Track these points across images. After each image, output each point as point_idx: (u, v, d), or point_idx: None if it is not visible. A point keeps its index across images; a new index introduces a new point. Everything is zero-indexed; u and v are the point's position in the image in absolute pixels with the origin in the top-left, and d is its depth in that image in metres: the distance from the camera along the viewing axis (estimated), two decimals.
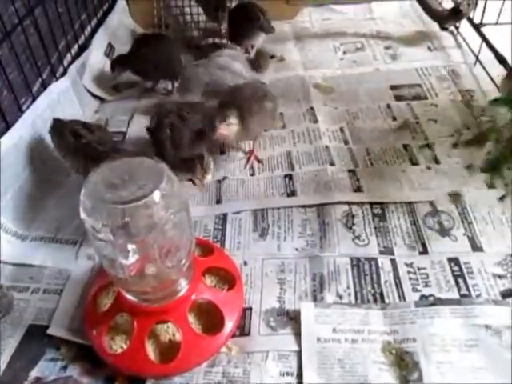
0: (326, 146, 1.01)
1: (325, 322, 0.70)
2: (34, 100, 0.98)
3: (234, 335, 0.69)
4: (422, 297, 0.72)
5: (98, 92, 1.20)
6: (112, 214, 0.54)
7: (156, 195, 0.54)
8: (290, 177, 0.95)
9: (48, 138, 0.96)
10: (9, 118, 0.90)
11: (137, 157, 0.62)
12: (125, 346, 0.67)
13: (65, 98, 1.07)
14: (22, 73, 0.95)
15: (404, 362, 0.65)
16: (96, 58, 1.25)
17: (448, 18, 1.32)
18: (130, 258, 0.57)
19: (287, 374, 0.65)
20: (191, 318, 0.67)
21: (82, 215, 0.55)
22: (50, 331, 0.71)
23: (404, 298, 0.73)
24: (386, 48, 1.34)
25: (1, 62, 0.88)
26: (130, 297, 0.64)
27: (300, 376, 0.65)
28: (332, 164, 0.97)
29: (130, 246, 0.57)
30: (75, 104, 1.11)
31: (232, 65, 1.09)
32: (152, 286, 0.62)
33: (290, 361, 0.66)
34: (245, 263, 0.80)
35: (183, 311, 0.66)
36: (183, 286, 0.66)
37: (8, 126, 0.89)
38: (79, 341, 0.70)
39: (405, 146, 1.00)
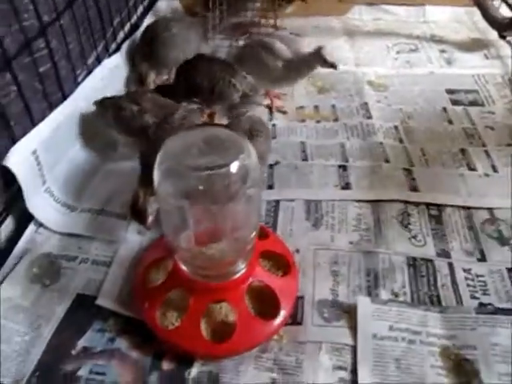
0: (381, 143, 0.99)
1: (381, 318, 0.67)
2: (89, 72, 0.98)
3: (286, 323, 0.67)
4: (481, 305, 0.69)
5: None
6: (188, 181, 0.52)
7: (235, 166, 0.52)
8: (344, 168, 0.93)
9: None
10: (65, 88, 0.89)
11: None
12: (175, 323, 0.65)
13: (117, 74, 1.07)
14: (80, 44, 0.94)
15: (463, 369, 0.62)
16: None
17: (508, 27, 1.29)
18: (198, 227, 0.55)
19: (341, 368, 0.63)
20: (246, 300, 0.66)
21: (157, 179, 0.54)
22: (98, 302, 0.70)
23: (462, 304, 0.70)
24: (441, 52, 1.31)
25: (63, 30, 0.87)
26: (188, 271, 0.62)
27: (354, 372, 0.62)
28: (387, 161, 0.94)
29: (201, 216, 0.55)
30: (123, 81, 1.10)
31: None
32: (214, 261, 0.60)
33: (343, 355, 0.64)
34: (297, 251, 0.77)
35: (240, 292, 0.64)
36: (242, 266, 0.64)
37: (64, 96, 0.89)
38: (128, 314, 0.68)
39: (462, 151, 0.97)
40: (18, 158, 0.74)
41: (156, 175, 0.54)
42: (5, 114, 0.71)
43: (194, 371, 0.63)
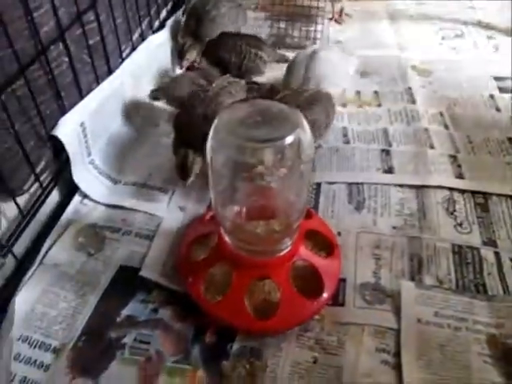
0: (426, 129, 0.96)
1: (426, 304, 0.66)
2: (133, 48, 0.98)
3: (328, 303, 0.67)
4: None
5: None
6: (243, 152, 0.51)
7: (290, 139, 0.52)
8: (388, 152, 0.91)
9: (143, 87, 0.96)
10: (111, 63, 0.90)
11: None
12: (218, 297, 0.66)
13: (161, 52, 1.07)
14: (126, 19, 0.95)
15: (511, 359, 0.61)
16: None
17: None
18: (248, 202, 0.55)
19: (383, 350, 0.62)
20: (290, 279, 0.65)
21: (210, 150, 0.54)
22: (141, 273, 0.71)
23: (509, 293, 0.68)
24: (489, 38, 1.27)
25: (111, 5, 0.87)
26: (233, 246, 0.63)
27: (397, 355, 0.62)
28: (432, 147, 0.92)
29: (252, 190, 0.54)
30: (168, 58, 1.10)
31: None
32: (261, 238, 0.60)
33: (386, 338, 0.63)
34: (339, 234, 0.77)
35: (285, 270, 0.64)
36: (288, 244, 0.63)
37: (110, 70, 0.90)
38: (171, 286, 0.69)
39: (509, 139, 0.94)
40: (67, 129, 0.75)
41: (209, 145, 0.54)
42: (57, 85, 0.72)
43: (235, 345, 0.63)
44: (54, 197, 0.79)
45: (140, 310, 0.67)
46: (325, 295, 0.65)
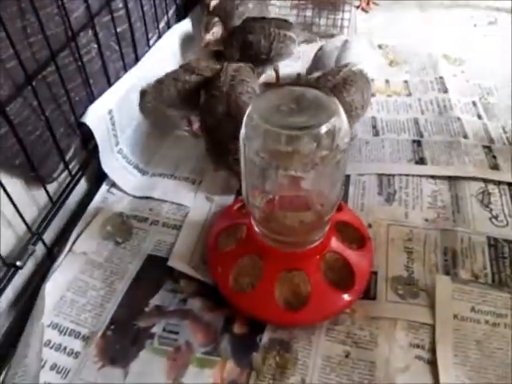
0: (458, 118, 0.93)
1: (462, 299, 0.64)
2: (159, 36, 0.97)
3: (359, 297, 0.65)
4: None
5: None
6: (277, 139, 0.50)
7: (326, 127, 0.50)
8: (419, 143, 0.89)
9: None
10: (138, 51, 0.89)
11: None
12: (247, 289, 0.65)
13: (185, 40, 1.06)
14: (153, 7, 0.94)
15: None
16: None
17: None
18: (281, 191, 0.53)
19: (417, 346, 0.61)
20: (321, 271, 0.64)
21: (242, 137, 0.52)
22: (169, 263, 0.70)
23: None
24: None
25: None
26: (263, 237, 0.61)
27: (432, 351, 0.60)
28: (465, 137, 0.89)
29: (286, 179, 0.53)
30: (195, 47, 1.09)
31: None
32: (292, 229, 0.59)
33: (420, 333, 0.62)
34: (369, 226, 0.75)
35: (316, 262, 0.62)
36: (319, 235, 0.62)
37: (137, 58, 0.89)
38: (199, 277, 0.68)
39: None
40: (96, 116, 0.75)
41: (242, 133, 0.53)
42: (86, 72, 0.71)
43: (265, 337, 0.62)
44: (82, 185, 0.79)
45: (169, 299, 0.67)
46: (356, 288, 0.63)
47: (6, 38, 0.55)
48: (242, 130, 0.53)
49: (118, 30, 0.79)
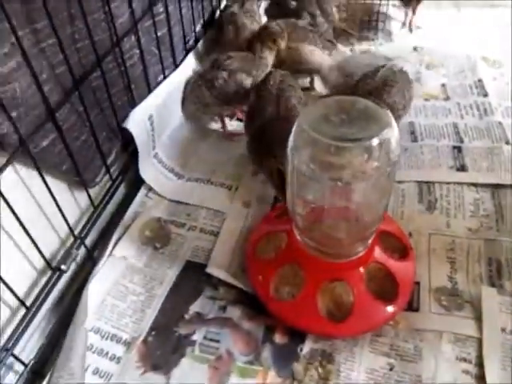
0: (500, 122, 0.91)
1: (510, 312, 0.63)
2: (196, 40, 0.97)
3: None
4: None
5: None
6: (327, 150, 0.49)
7: (379, 140, 0.49)
8: (459, 149, 0.87)
9: None
10: (176, 55, 0.89)
11: None
12: (287, 298, 0.64)
13: None
14: (190, 10, 0.94)
15: None
16: None
17: None
18: (327, 201, 0.52)
19: (464, 360, 0.59)
20: (364, 282, 0.63)
21: (291, 146, 0.52)
22: (208, 270, 0.70)
23: None
24: None
25: None
26: (306, 246, 0.61)
27: (480, 365, 0.58)
28: (507, 143, 0.87)
29: (333, 190, 0.52)
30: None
31: None
32: (338, 238, 0.58)
33: (467, 346, 0.60)
34: (410, 235, 0.73)
35: (360, 273, 0.61)
36: (364, 246, 0.61)
37: (175, 62, 0.89)
38: (238, 285, 0.68)
39: None
40: (137, 121, 0.75)
41: (291, 142, 0.52)
42: (128, 77, 0.72)
43: (306, 347, 0.62)
44: (120, 189, 0.79)
45: (208, 307, 0.66)
46: (400, 300, 0.62)
47: (56, 44, 0.56)
48: (291, 139, 0.52)
49: (159, 34, 0.79)
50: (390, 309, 0.61)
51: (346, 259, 0.61)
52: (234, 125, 0.96)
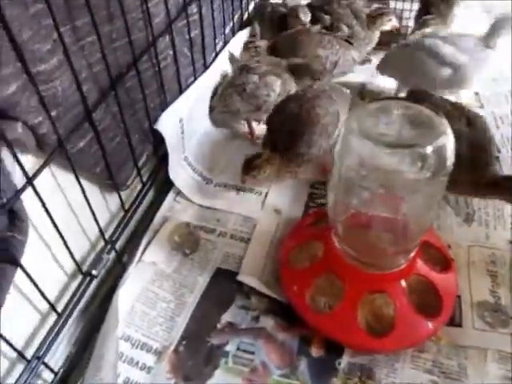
0: None
1: None
2: (225, 43, 0.96)
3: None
4: None
5: None
6: (378, 157, 0.47)
7: (434, 147, 0.46)
8: (496, 159, 0.83)
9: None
10: (207, 56, 0.87)
11: None
12: (323, 309, 0.62)
13: None
14: (221, 12, 0.92)
15: None
16: None
17: None
18: (373, 209, 0.50)
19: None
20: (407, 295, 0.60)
21: (338, 151, 0.50)
22: (239, 278, 0.67)
23: None
24: None
25: None
26: (345, 255, 0.58)
27: None
28: None
29: (381, 197, 0.50)
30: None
31: (442, 49, 0.91)
32: (381, 248, 0.56)
33: None
34: (448, 247, 0.71)
35: (402, 285, 0.59)
36: (407, 258, 0.58)
37: (205, 64, 0.87)
38: (271, 294, 0.65)
39: None
40: (168, 124, 0.73)
41: (339, 147, 0.50)
42: (162, 78, 0.70)
43: (344, 361, 0.59)
44: (150, 192, 0.77)
45: (241, 316, 0.64)
46: (444, 314, 0.59)
47: (94, 43, 0.55)
48: (338, 144, 0.50)
49: (192, 34, 0.77)
50: (433, 323, 0.58)
51: (388, 271, 0.59)
52: (261, 129, 0.94)
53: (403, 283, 0.59)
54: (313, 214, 0.75)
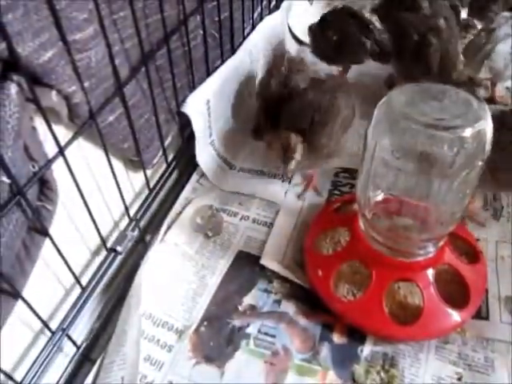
0: None
1: None
2: (253, 27, 0.95)
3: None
4: None
5: (299, 34, 1.14)
6: (416, 138, 0.46)
7: (473, 130, 0.45)
8: None
9: (256, 70, 0.93)
10: (235, 40, 0.86)
11: None
12: (347, 295, 0.61)
13: (275, 33, 1.03)
14: None
15: None
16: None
17: None
18: (405, 194, 0.49)
19: None
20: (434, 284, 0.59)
21: (373, 131, 0.48)
22: (262, 262, 0.67)
23: None
24: None
25: None
26: (372, 242, 0.57)
27: None
28: None
29: (414, 182, 0.48)
30: (282, 40, 1.06)
31: None
32: (410, 236, 0.55)
33: None
34: (477, 240, 0.69)
35: (430, 274, 0.58)
36: (436, 247, 0.57)
37: (233, 48, 0.86)
38: (293, 279, 0.65)
39: None
40: (195, 106, 0.72)
41: (372, 127, 0.49)
42: (191, 58, 0.69)
43: (366, 349, 0.58)
44: (174, 174, 0.77)
45: (263, 299, 0.64)
46: (471, 306, 0.58)
47: (127, 18, 0.54)
48: (372, 124, 0.49)
49: (222, 16, 0.77)
50: (460, 315, 0.57)
51: (417, 258, 0.58)
52: None
53: (431, 273, 0.58)
54: (337, 200, 0.74)
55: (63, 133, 0.51)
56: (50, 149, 0.48)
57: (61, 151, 0.47)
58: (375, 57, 0.93)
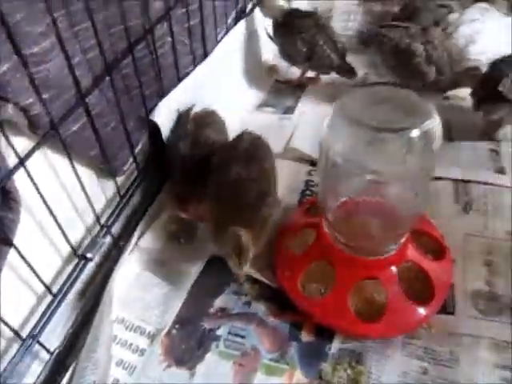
0: None
1: None
2: (227, 31, 0.96)
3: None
4: None
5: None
6: (365, 141, 0.47)
7: (421, 130, 0.46)
8: (497, 152, 0.83)
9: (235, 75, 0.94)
10: (208, 45, 0.87)
11: None
12: (315, 294, 0.62)
13: (251, 37, 1.04)
14: (224, 1, 0.92)
15: None
16: None
17: None
18: (361, 193, 0.50)
19: (504, 367, 0.56)
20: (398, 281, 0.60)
21: (326, 137, 0.50)
22: None
23: None
24: None
25: None
26: (337, 242, 0.58)
27: None
28: None
29: (368, 182, 0.50)
30: (258, 48, 1.07)
31: None
32: (371, 234, 0.56)
33: (507, 353, 0.57)
34: (444, 235, 0.70)
35: (393, 271, 0.59)
36: (398, 244, 0.58)
37: (205, 53, 0.87)
38: (264, 280, 0.66)
39: None
40: (164, 114, 0.73)
41: (327, 133, 0.50)
42: (159, 65, 0.70)
43: (334, 347, 0.59)
44: (146, 180, 0.78)
45: (233, 302, 0.65)
46: (436, 302, 0.59)
47: (89, 29, 0.55)
48: (325, 129, 0.50)
49: (192, 22, 0.78)
50: (425, 310, 0.58)
51: (380, 256, 0.59)
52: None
53: (394, 270, 0.59)
54: (307, 202, 0.75)
55: (26, 143, 0.52)
56: (13, 160, 0.49)
57: (21, 162, 0.48)
58: (340, 72, 0.97)
